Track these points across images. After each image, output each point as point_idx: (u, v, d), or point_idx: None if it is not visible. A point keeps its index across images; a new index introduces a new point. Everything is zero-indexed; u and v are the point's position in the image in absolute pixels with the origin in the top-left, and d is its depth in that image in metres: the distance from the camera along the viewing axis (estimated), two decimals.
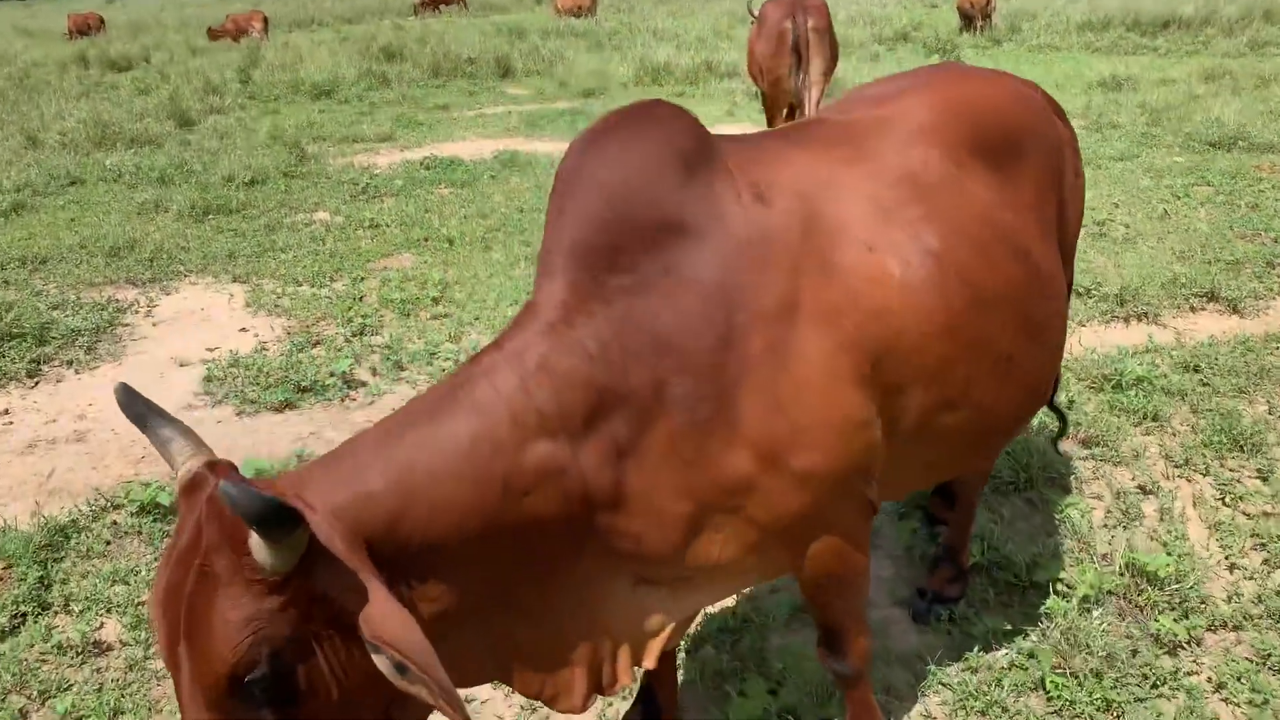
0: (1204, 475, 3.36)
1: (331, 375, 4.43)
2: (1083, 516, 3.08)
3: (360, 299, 5.48)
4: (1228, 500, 3.19)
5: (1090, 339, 4.58)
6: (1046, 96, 2.39)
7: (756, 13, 8.24)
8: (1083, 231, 6.35)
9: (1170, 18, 18.85)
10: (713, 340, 1.54)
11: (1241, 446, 3.48)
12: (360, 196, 7.89)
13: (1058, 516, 3.11)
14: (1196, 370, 4.11)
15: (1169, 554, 2.87)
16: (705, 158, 1.63)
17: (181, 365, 4.76)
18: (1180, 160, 7.94)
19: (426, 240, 6.57)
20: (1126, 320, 4.78)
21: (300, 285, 5.78)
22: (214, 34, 22.77)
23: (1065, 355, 4.16)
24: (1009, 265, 1.89)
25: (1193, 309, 4.88)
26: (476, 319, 5.10)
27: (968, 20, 18.66)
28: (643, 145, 1.60)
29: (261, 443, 3.96)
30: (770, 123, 8.51)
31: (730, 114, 11.35)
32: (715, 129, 7.29)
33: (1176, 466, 3.40)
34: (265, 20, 22.82)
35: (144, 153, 9.90)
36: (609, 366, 1.51)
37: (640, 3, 28.94)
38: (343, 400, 4.30)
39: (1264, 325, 4.69)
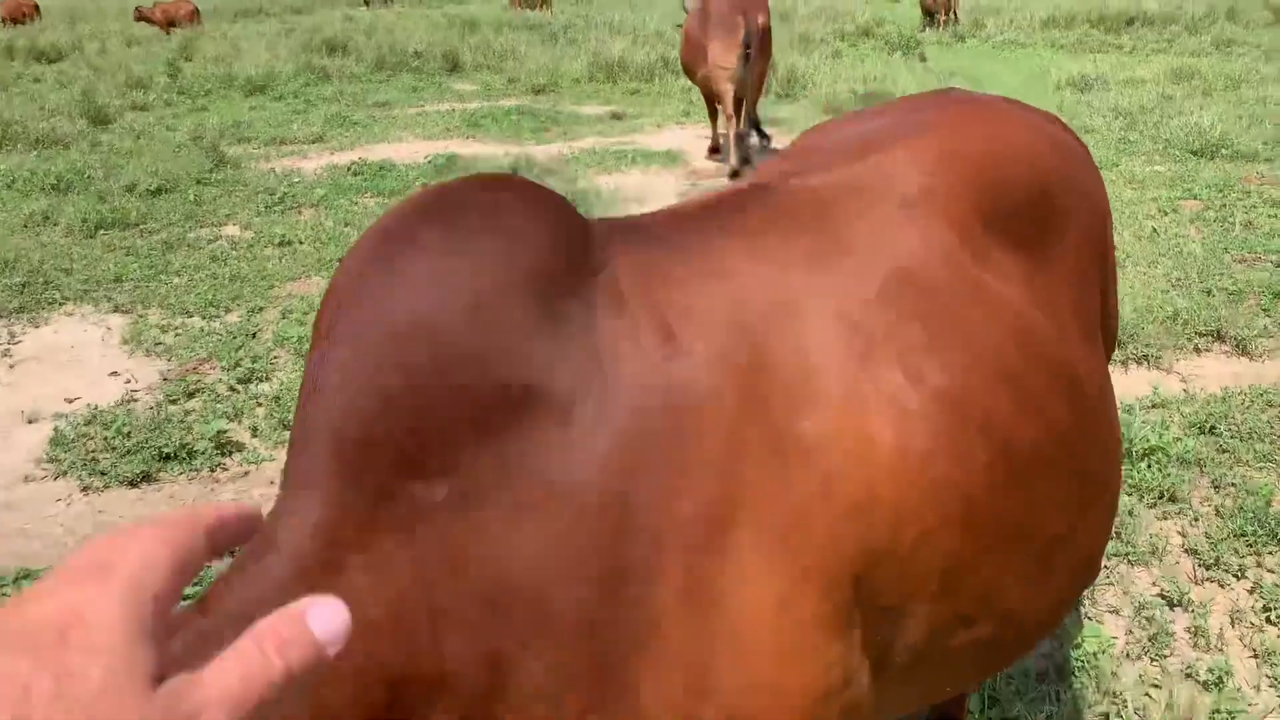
0: (1238, 578, 2.79)
1: (202, 438, 3.74)
2: (1102, 649, 2.48)
3: (253, 335, 4.78)
4: (1274, 616, 2.61)
5: None
6: (1069, 131, 1.78)
7: (690, 6, 7.93)
8: None
9: (1135, 14, 18.52)
10: (590, 582, 0.92)
11: (1278, 537, 2.91)
12: (276, 208, 7.15)
13: (1073, 651, 2.51)
14: (1213, 432, 3.55)
15: (1210, 693, 2.30)
16: (579, 275, 0.98)
17: (30, 421, 4.03)
18: (1162, 170, 7.44)
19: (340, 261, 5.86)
20: (1126, 364, 4.22)
21: (190, 317, 5.06)
22: (140, 15, 21.60)
23: None
24: (1052, 400, 1.27)
25: (1197, 350, 4.33)
26: None
27: (930, 16, 18.20)
28: (473, 258, 0.95)
29: (105, 529, 3.27)
30: (712, 119, 8.18)
31: (686, 114, 10.72)
32: (667, 132, 6.65)
33: (1205, 567, 2.82)
34: (195, 10, 21.73)
35: (47, 155, 9.06)
36: (406, 638, 0.87)
37: None
38: (213, 471, 3.61)
39: (1278, 370, 4.15)
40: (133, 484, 3.52)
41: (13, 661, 0.40)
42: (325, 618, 0.49)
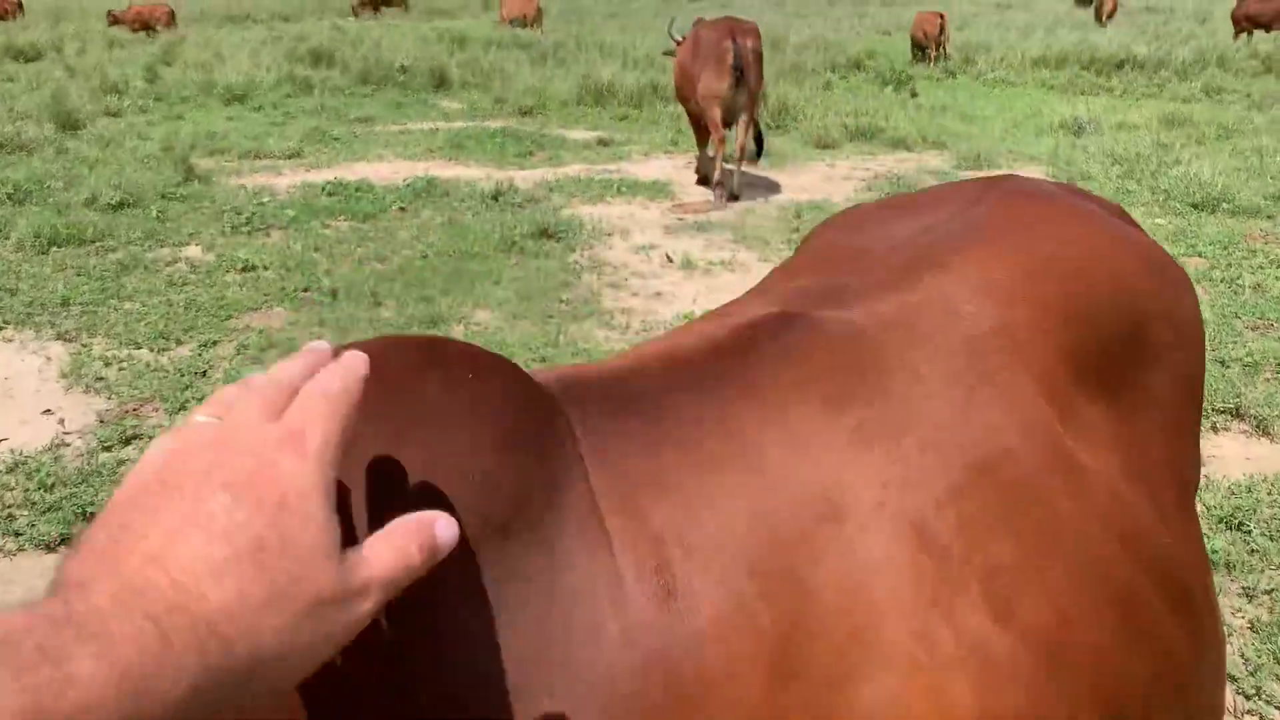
0: None
1: None
2: None
3: (203, 373, 4.43)
4: None
5: None
6: (1145, 236, 1.46)
7: (679, 36, 7.96)
8: None
9: (1125, 58, 18.49)
10: None
11: None
12: (243, 228, 6.80)
13: None
14: (1241, 529, 3.27)
15: None
16: (532, 506, 0.65)
17: None
18: (1163, 223, 7.23)
19: (306, 291, 5.52)
20: None
21: (137, 349, 4.70)
22: (113, 19, 21.20)
23: None
24: (1165, 619, 0.97)
25: (1215, 429, 4.07)
26: None
27: (920, 50, 18.10)
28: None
29: (15, 598, 2.91)
30: (701, 145, 8.04)
31: (674, 143, 10.47)
32: (655, 161, 6.37)
33: (1245, 697, 2.53)
34: (171, 13, 21.33)
35: (9, 161, 8.68)
36: None
37: (590, 14, 28.08)
38: None
39: None
40: (49, 548, 3.16)
41: (245, 514, 0.46)
42: (446, 529, 0.54)
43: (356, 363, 0.57)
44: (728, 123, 7.46)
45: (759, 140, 8.18)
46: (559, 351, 4.72)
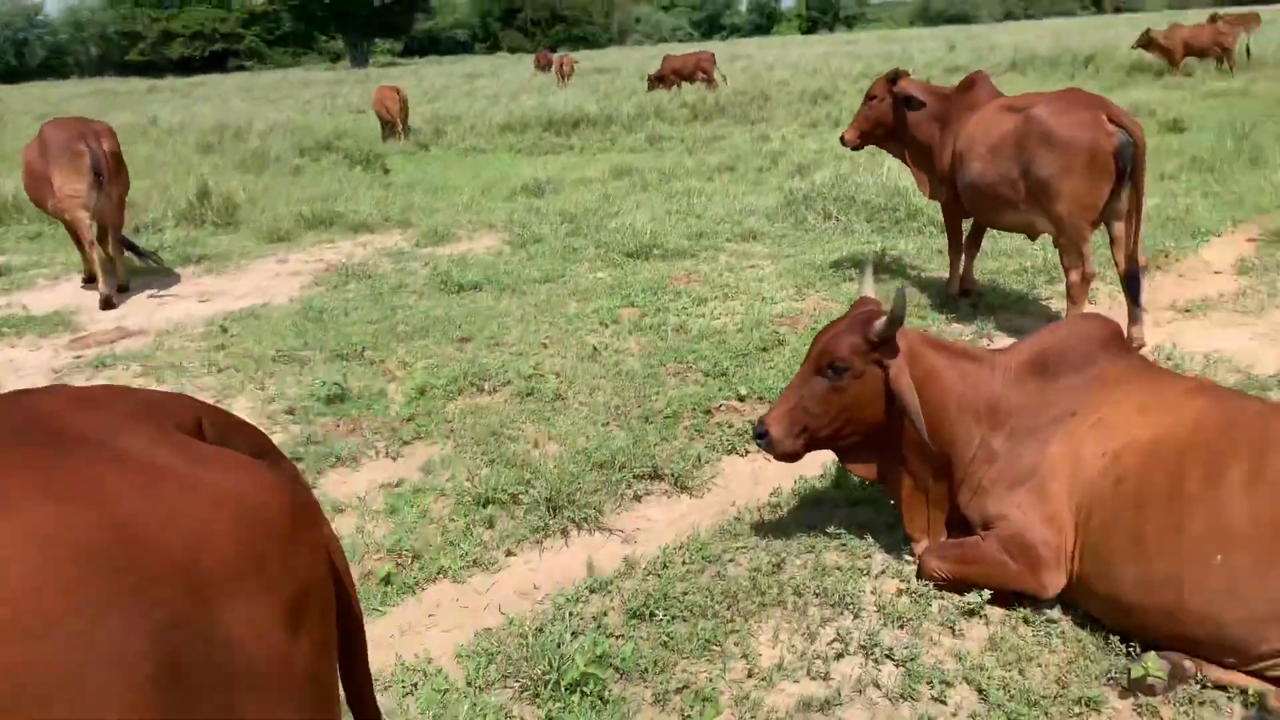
0: None
1: None
2: None
3: None
4: None
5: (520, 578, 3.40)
6: None
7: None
8: (507, 391, 5.35)
9: (580, 117, 19.91)
10: None
11: None
12: None
13: None
14: (653, 619, 3.06)
15: None
16: None
17: None
18: (604, 276, 7.44)
19: None
20: (564, 533, 3.68)
21: None
22: None
23: None
24: None
25: (638, 497, 3.95)
26: None
27: (387, 126, 17.94)
28: None
29: None
30: (82, 252, 7.32)
31: None
32: (65, 284, 4.78)
33: None
34: None
35: None
36: None
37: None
38: None
39: (717, 505, 3.88)
40: None
41: None
42: None
43: None
44: (99, 224, 7.41)
45: (132, 249, 7.78)
46: None
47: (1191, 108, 15.49)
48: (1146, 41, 21.02)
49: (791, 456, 3.24)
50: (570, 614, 3.11)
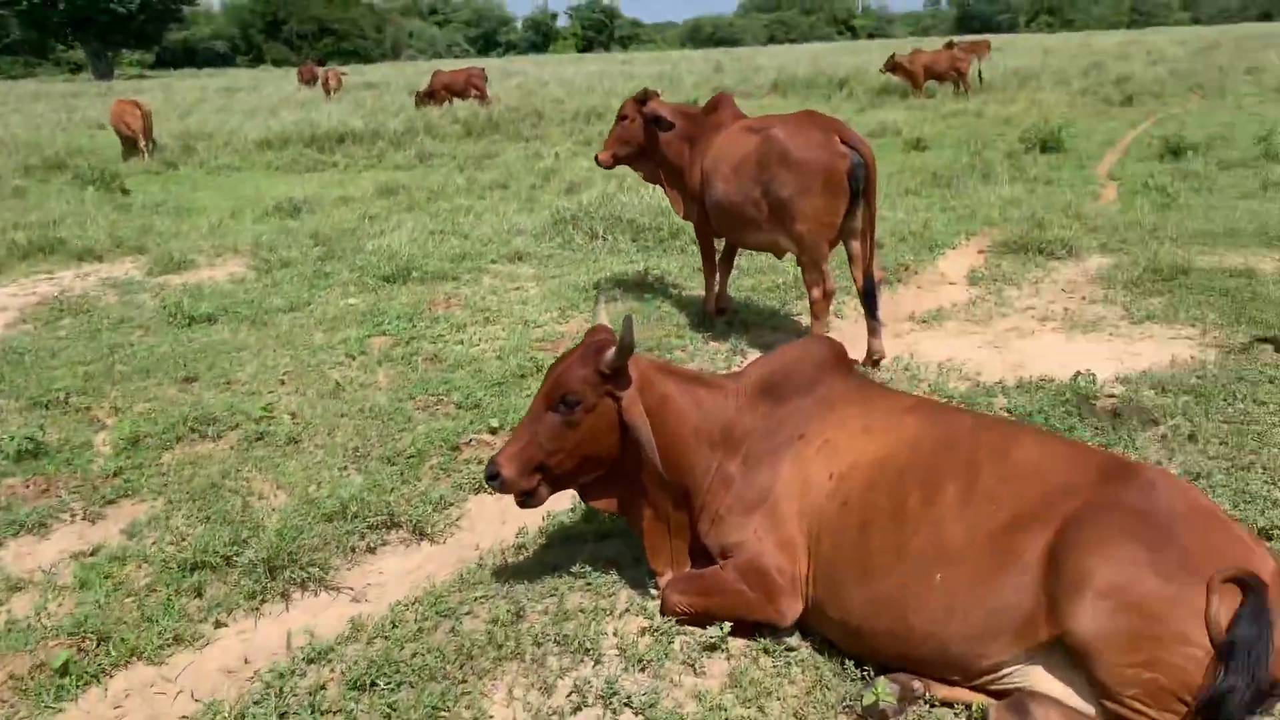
0: None
1: None
2: None
3: None
4: None
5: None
6: None
7: None
8: (234, 436, 4.66)
9: (344, 132, 19.09)
10: None
11: None
12: None
13: None
14: (375, 688, 2.77)
15: None
16: None
17: None
18: (356, 303, 7.02)
19: None
20: (279, 597, 3.32)
21: None
22: None
23: None
24: None
25: (370, 548, 3.63)
26: None
27: (130, 144, 16.49)
28: None
29: None
30: None
31: None
32: None
33: None
34: None
35: None
36: None
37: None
38: None
39: (459, 551, 3.63)
40: None
41: None
42: None
43: None
44: None
45: None
46: None
47: (932, 127, 16.69)
48: (893, 66, 22.55)
49: (529, 497, 3.04)
50: (282, 691, 2.78)
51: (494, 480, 2.99)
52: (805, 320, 6.28)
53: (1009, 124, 16.63)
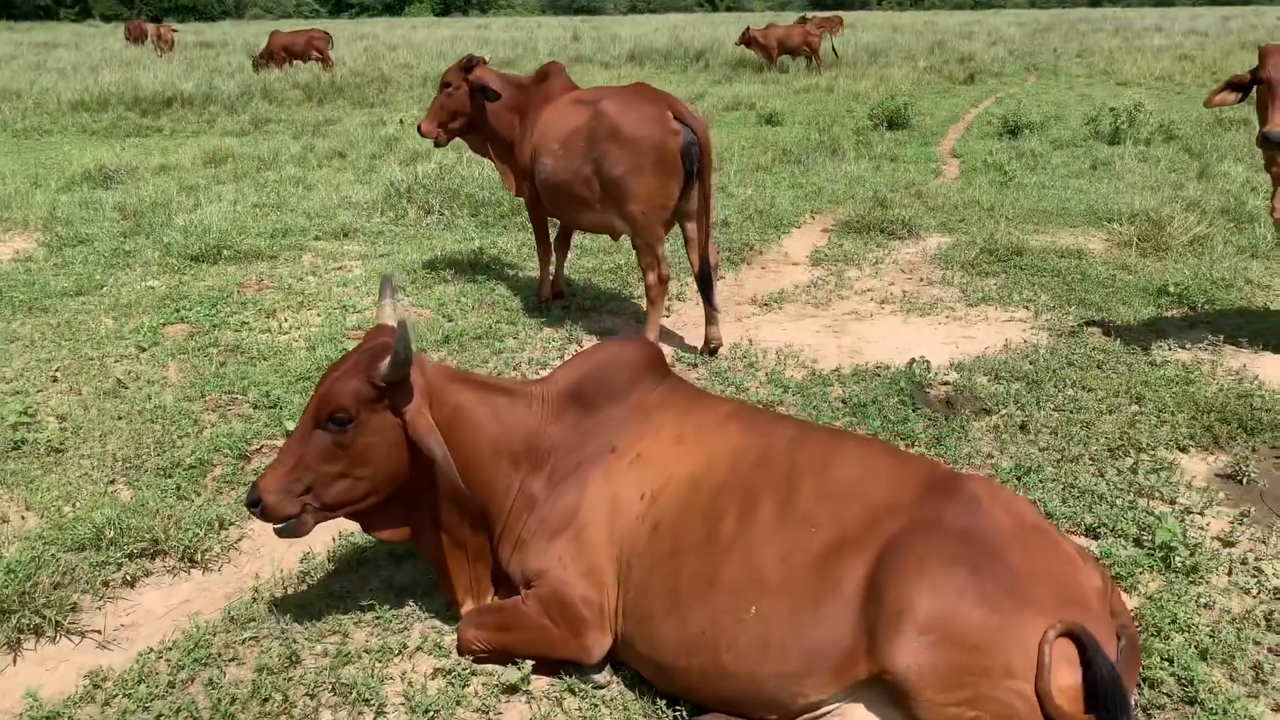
0: None
1: None
2: None
3: None
4: None
5: None
6: None
7: None
8: None
9: (174, 95, 17.73)
10: None
11: None
12: None
13: None
14: None
15: None
16: None
17: None
18: (156, 285, 6.35)
19: None
20: (6, 647, 2.81)
21: None
22: None
23: None
24: None
25: (130, 581, 3.14)
26: None
27: None
28: None
29: None
30: None
31: None
32: None
33: None
34: None
35: None
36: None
37: None
38: None
39: (234, 582, 3.19)
40: None
41: None
42: None
43: None
44: None
45: None
46: None
47: (785, 103, 16.69)
48: (747, 39, 22.54)
49: (297, 528, 2.63)
50: None
51: (254, 507, 2.58)
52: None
53: (858, 100, 16.81)
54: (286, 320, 5.66)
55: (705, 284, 4.99)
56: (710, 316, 5.04)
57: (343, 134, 14.07)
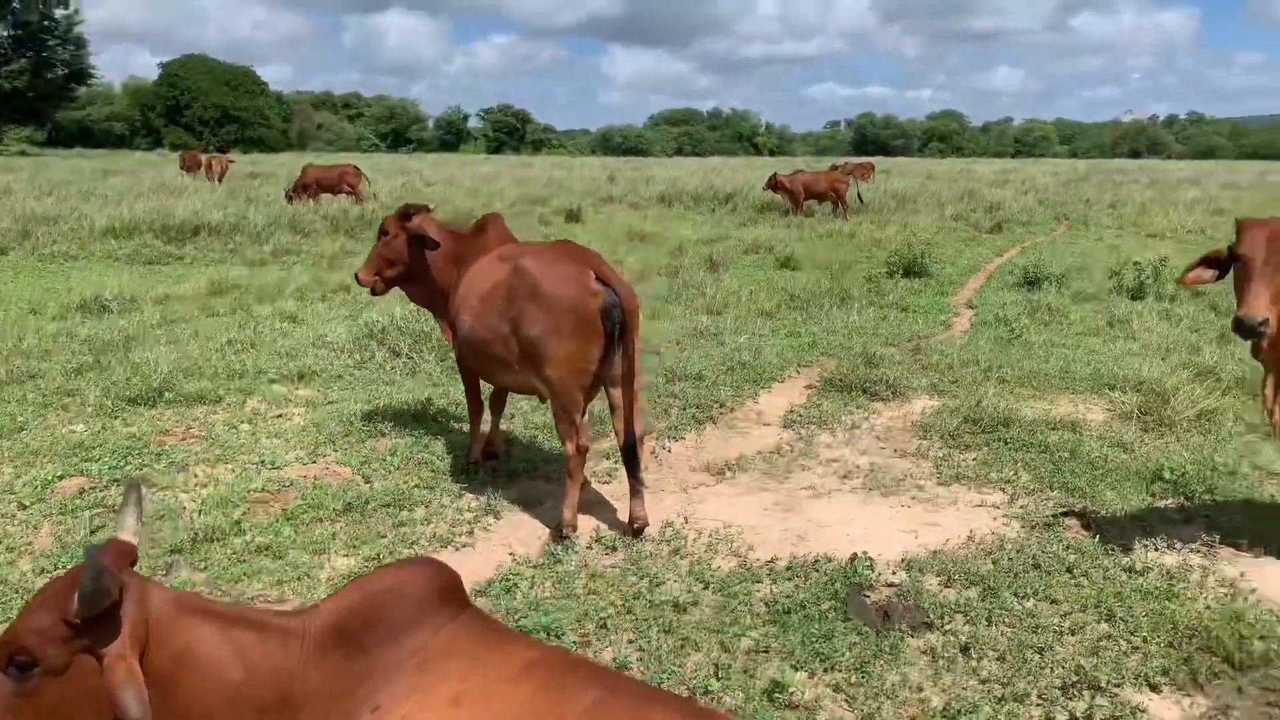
0: None
1: None
2: None
3: None
4: None
5: None
6: None
7: None
8: None
9: (200, 224, 18.07)
10: None
11: None
12: None
13: None
14: None
15: None
16: None
17: None
18: (79, 430, 6.00)
19: None
20: None
21: None
22: None
23: None
24: None
25: None
26: None
27: None
28: None
29: None
30: None
31: None
32: None
33: None
34: None
35: None
36: None
37: None
38: None
39: None
40: None
41: None
42: None
43: None
44: None
45: None
46: None
47: (806, 247, 16.51)
48: (774, 184, 22.67)
49: None
50: None
51: None
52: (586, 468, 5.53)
53: (880, 246, 16.57)
54: (195, 477, 5.25)
55: (630, 456, 4.51)
56: (635, 490, 4.54)
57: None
